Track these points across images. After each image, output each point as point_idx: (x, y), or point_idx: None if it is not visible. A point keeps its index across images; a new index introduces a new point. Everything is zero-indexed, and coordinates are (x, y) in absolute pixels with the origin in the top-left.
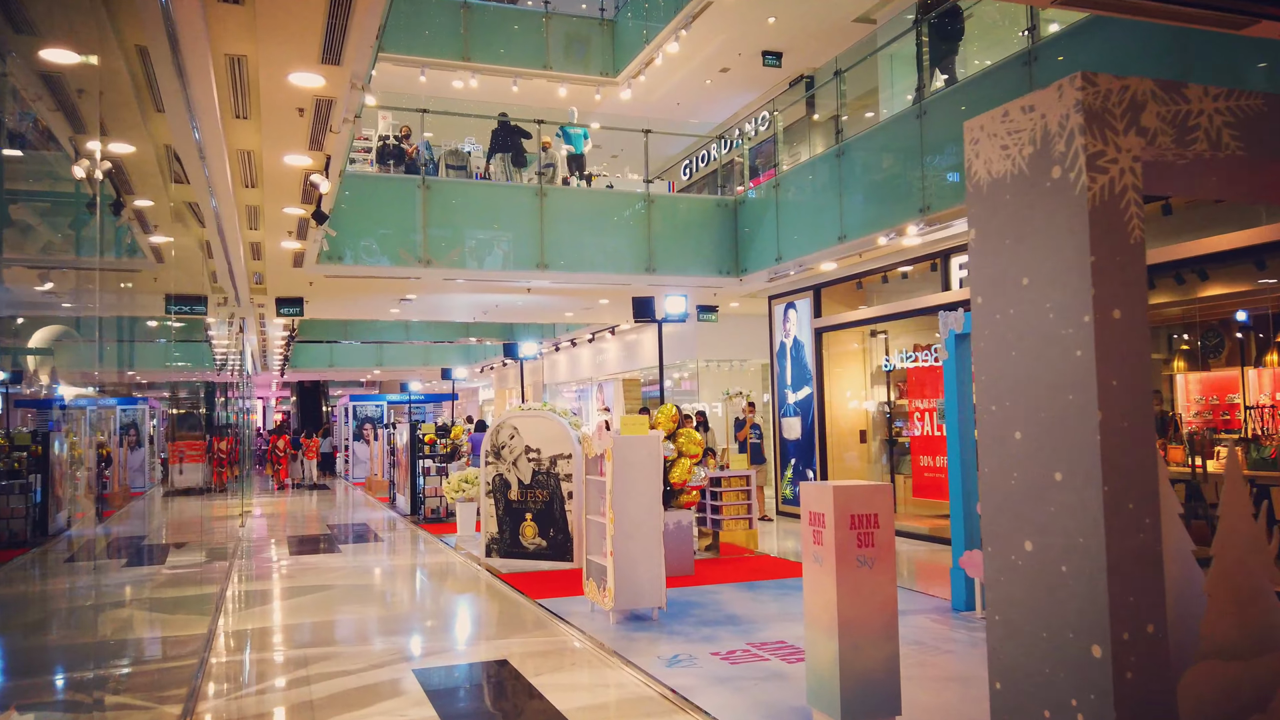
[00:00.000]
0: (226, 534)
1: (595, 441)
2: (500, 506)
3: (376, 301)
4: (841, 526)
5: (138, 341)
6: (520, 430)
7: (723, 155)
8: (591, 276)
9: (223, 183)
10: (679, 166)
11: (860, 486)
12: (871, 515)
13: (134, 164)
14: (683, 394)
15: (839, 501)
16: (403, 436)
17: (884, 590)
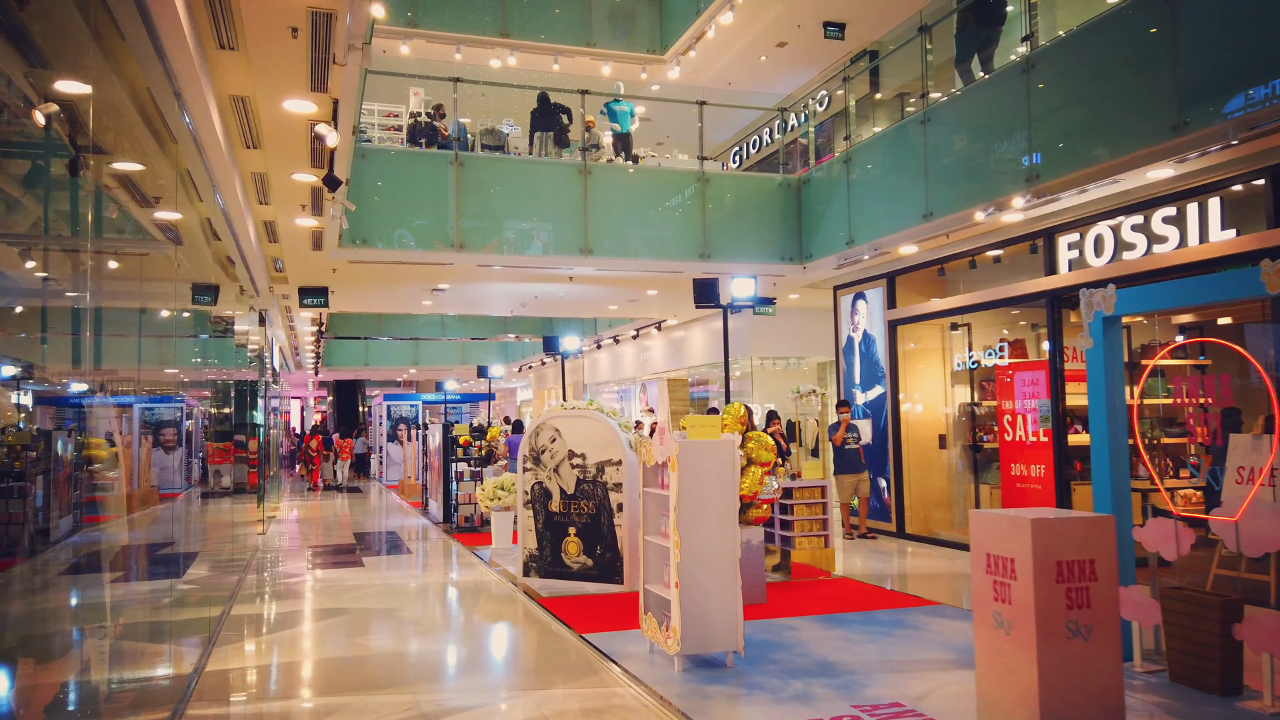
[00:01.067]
0: (244, 543)
1: (655, 447)
2: (540, 519)
3: (407, 292)
4: (1044, 579)
5: (149, 335)
6: (563, 432)
7: (782, 137)
8: (639, 264)
9: (211, 137)
10: (729, 153)
11: (1070, 520)
12: (1086, 563)
13: (105, 114)
14: (732, 395)
15: (1040, 542)
16: (435, 438)
17: (1105, 673)
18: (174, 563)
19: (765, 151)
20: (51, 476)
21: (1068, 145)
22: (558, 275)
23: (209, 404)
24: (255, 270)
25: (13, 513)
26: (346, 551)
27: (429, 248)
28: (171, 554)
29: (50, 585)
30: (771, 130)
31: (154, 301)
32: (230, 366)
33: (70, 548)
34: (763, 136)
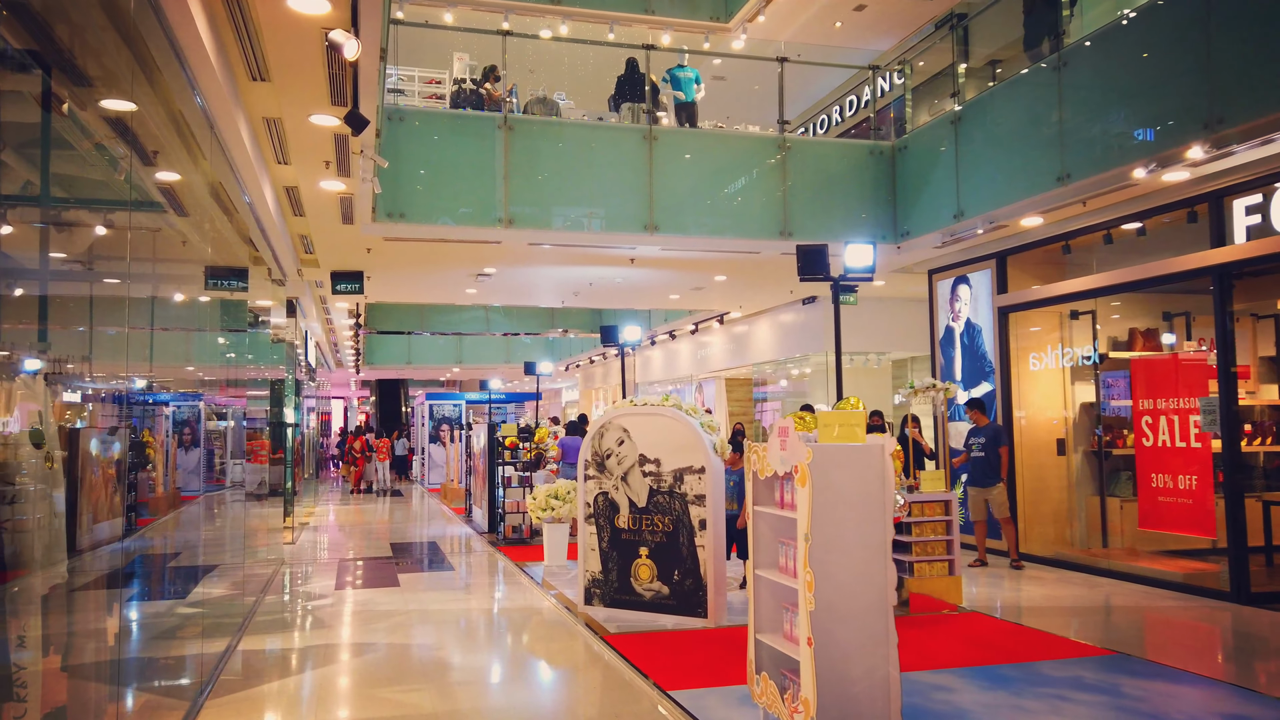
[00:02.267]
0: (269, 554)
1: (773, 453)
2: (605, 536)
3: (449, 278)
4: None
5: (165, 328)
6: (632, 434)
7: (871, 101)
8: (710, 243)
9: (199, 53)
10: (804, 129)
11: None
12: None
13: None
14: (798, 395)
15: None
16: (479, 439)
17: None
18: (182, 579)
19: (846, 124)
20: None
21: (1266, 80)
22: (618, 257)
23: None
24: (281, 250)
25: None
26: (382, 566)
27: (474, 223)
28: (181, 567)
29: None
30: (856, 100)
31: (170, 285)
32: (256, 359)
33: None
34: (844, 107)
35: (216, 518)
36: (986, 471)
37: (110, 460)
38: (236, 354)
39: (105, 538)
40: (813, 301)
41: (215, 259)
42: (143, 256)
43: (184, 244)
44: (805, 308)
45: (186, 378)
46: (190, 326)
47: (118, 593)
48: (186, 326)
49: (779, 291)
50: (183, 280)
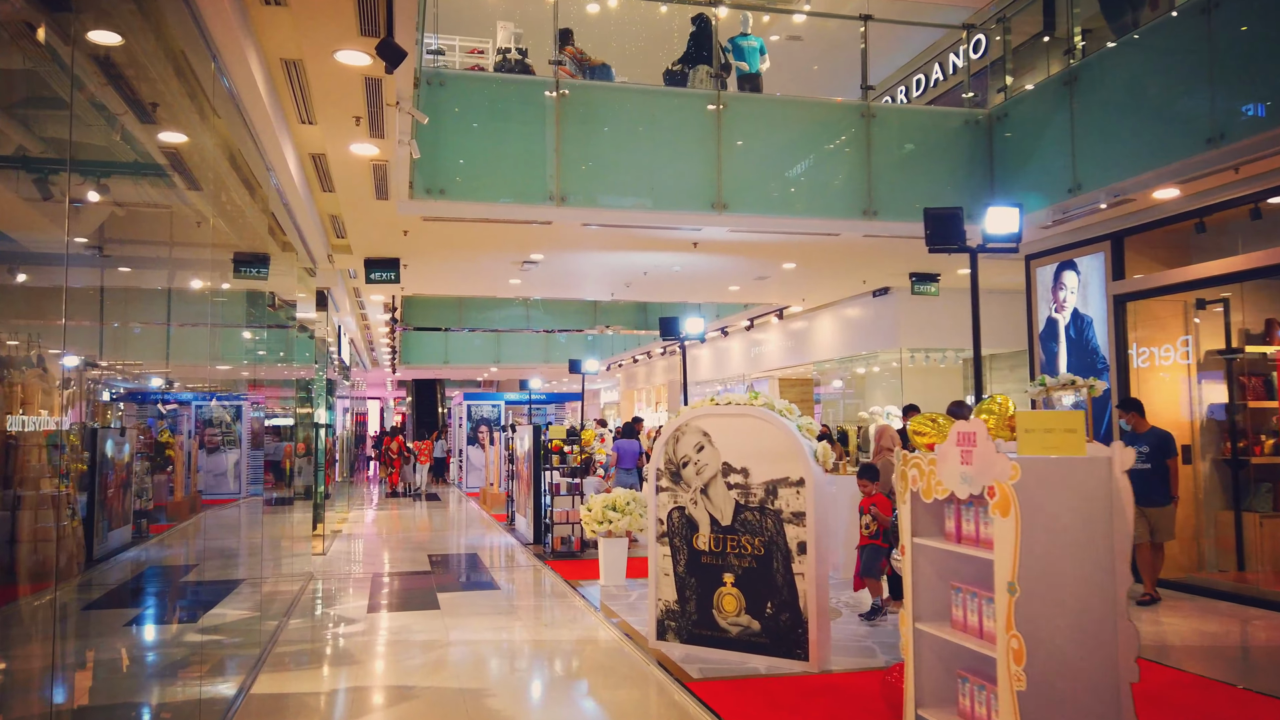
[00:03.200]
0: (296, 566)
1: (949, 466)
2: (681, 559)
3: (491, 266)
4: None
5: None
6: (714, 438)
7: (966, 62)
8: (784, 223)
9: None
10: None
11: None
12: None
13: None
14: (854, 399)
15: None
16: (524, 442)
17: None
18: (195, 597)
19: (930, 94)
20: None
21: None
22: (680, 240)
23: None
24: (309, 232)
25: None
26: (419, 583)
27: (522, 200)
28: (196, 583)
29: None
30: (942, 68)
31: (187, 272)
32: (285, 356)
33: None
34: (928, 75)
35: (241, 525)
36: (1156, 487)
37: (122, 463)
38: (262, 349)
39: (116, 546)
40: (884, 294)
41: (237, 242)
42: (157, 239)
43: (199, 225)
44: (875, 300)
45: (209, 375)
46: (211, 318)
47: (118, 615)
48: (206, 318)
49: (850, 281)
50: (200, 266)
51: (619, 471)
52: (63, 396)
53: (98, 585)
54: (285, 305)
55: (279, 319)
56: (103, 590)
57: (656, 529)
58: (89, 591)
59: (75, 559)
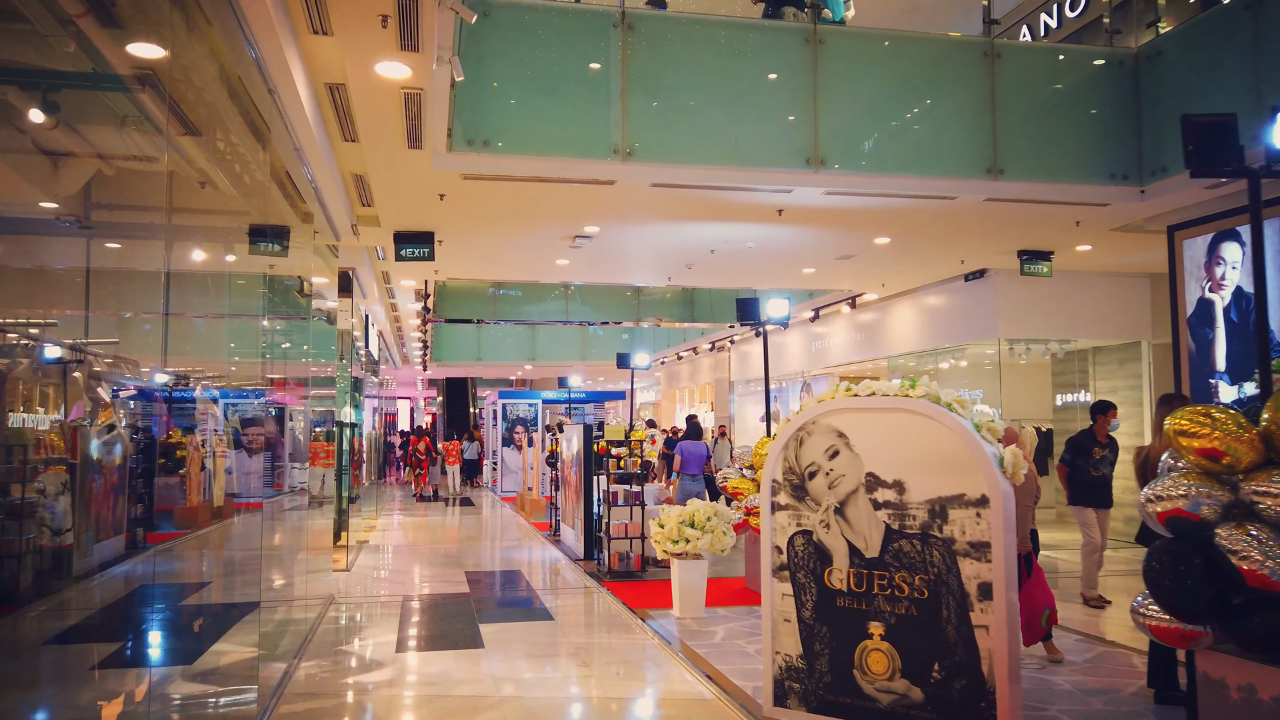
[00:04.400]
0: (318, 581)
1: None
2: (808, 600)
3: (537, 242)
4: None
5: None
6: (853, 440)
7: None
8: (892, 183)
9: None
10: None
11: None
12: None
13: None
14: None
15: None
16: (572, 444)
17: None
18: (187, 630)
19: (1057, 36)
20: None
21: None
22: (763, 205)
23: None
24: (330, 196)
25: None
26: (457, 610)
27: (580, 154)
28: (196, 607)
29: None
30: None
31: (188, 244)
32: (305, 347)
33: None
34: (1059, 9)
35: (253, 535)
36: None
37: (112, 465)
38: (283, 340)
39: (106, 559)
40: (978, 277)
41: (246, 209)
42: (152, 204)
43: (203, 187)
44: (969, 285)
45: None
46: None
47: (84, 654)
48: (209, 303)
49: (945, 261)
50: (203, 239)
51: (683, 478)
52: (39, 391)
53: (76, 608)
54: (307, 289)
55: (299, 306)
56: (81, 614)
57: (772, 559)
58: (61, 618)
59: (49, 576)
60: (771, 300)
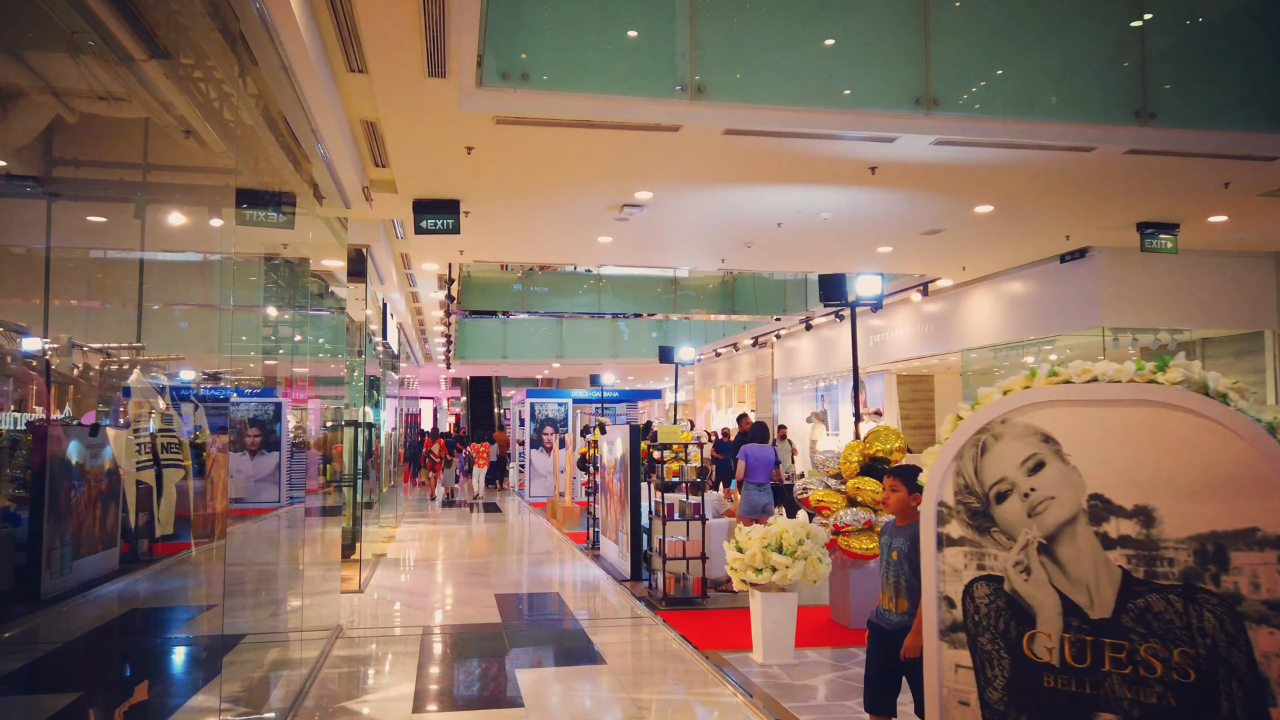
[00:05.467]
0: (321, 612)
1: None
2: (998, 676)
3: (583, 210)
4: None
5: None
6: (1066, 446)
7: None
8: (1020, 127)
9: None
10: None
11: None
12: None
13: None
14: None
15: None
16: (614, 447)
17: None
18: (162, 675)
19: None
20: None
21: None
22: (856, 161)
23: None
24: (335, 151)
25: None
26: (487, 649)
27: (638, 92)
28: (182, 641)
29: None
30: None
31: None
32: (314, 339)
33: None
34: None
35: (261, 548)
36: None
37: (100, 470)
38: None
39: (88, 578)
40: (1077, 257)
41: (235, 166)
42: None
43: (187, 136)
44: (1065, 267)
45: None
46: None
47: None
48: (194, 284)
49: (1045, 238)
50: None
51: (748, 487)
52: None
53: (42, 640)
54: (313, 271)
55: (306, 290)
56: (37, 650)
57: (939, 614)
58: (6, 657)
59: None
60: (861, 278)
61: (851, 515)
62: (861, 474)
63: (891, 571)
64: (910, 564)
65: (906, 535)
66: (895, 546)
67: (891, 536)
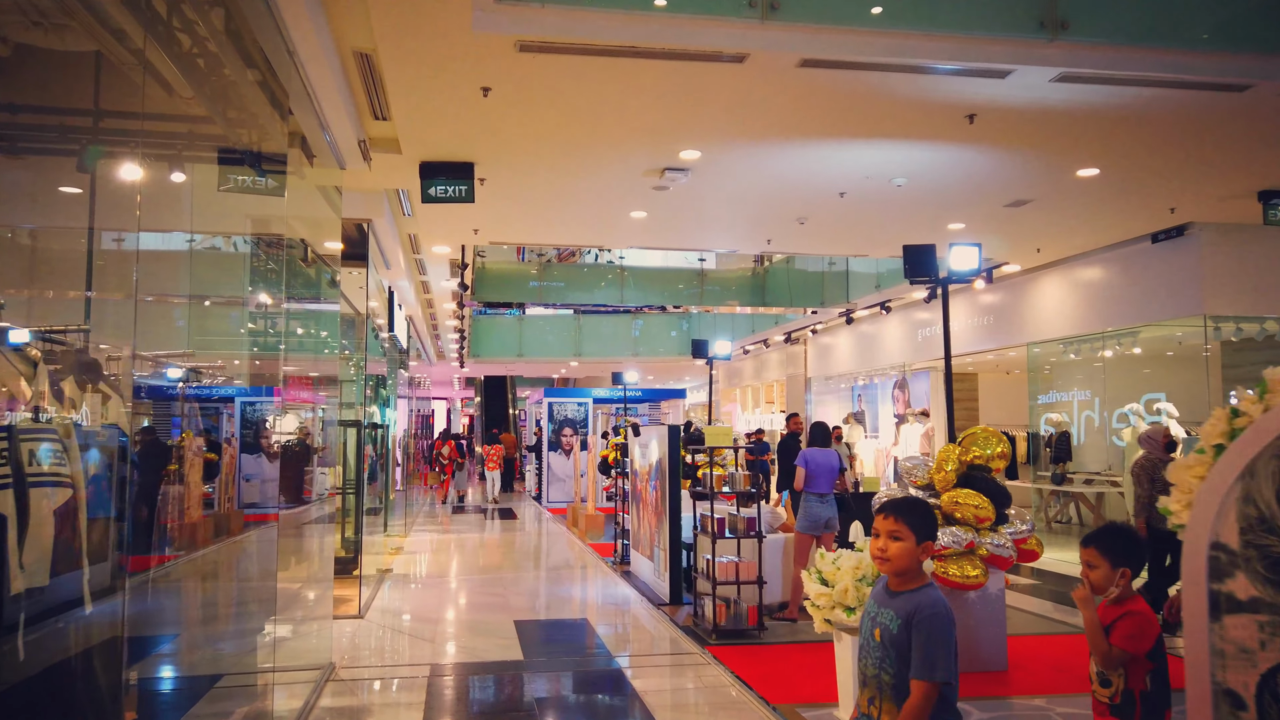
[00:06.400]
0: (316, 639)
1: None
2: None
3: (617, 175)
4: None
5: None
6: None
7: None
8: (1164, 58)
9: None
10: None
11: None
12: None
13: None
14: (1080, 392)
15: None
16: (650, 451)
17: None
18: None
19: None
20: None
21: None
22: (954, 104)
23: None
24: (324, 93)
25: None
26: (506, 699)
27: (698, 8)
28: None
29: None
30: None
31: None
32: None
33: None
34: None
35: (252, 560)
36: None
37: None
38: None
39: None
40: (1172, 236)
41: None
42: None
43: (145, 75)
44: (1158, 248)
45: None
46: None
47: None
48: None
49: (1151, 209)
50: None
51: (808, 499)
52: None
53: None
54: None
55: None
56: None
57: (1215, 711)
58: None
59: None
60: (955, 249)
61: (951, 536)
62: (958, 485)
63: (872, 659)
64: (898, 651)
65: (901, 607)
66: (881, 622)
67: (879, 606)
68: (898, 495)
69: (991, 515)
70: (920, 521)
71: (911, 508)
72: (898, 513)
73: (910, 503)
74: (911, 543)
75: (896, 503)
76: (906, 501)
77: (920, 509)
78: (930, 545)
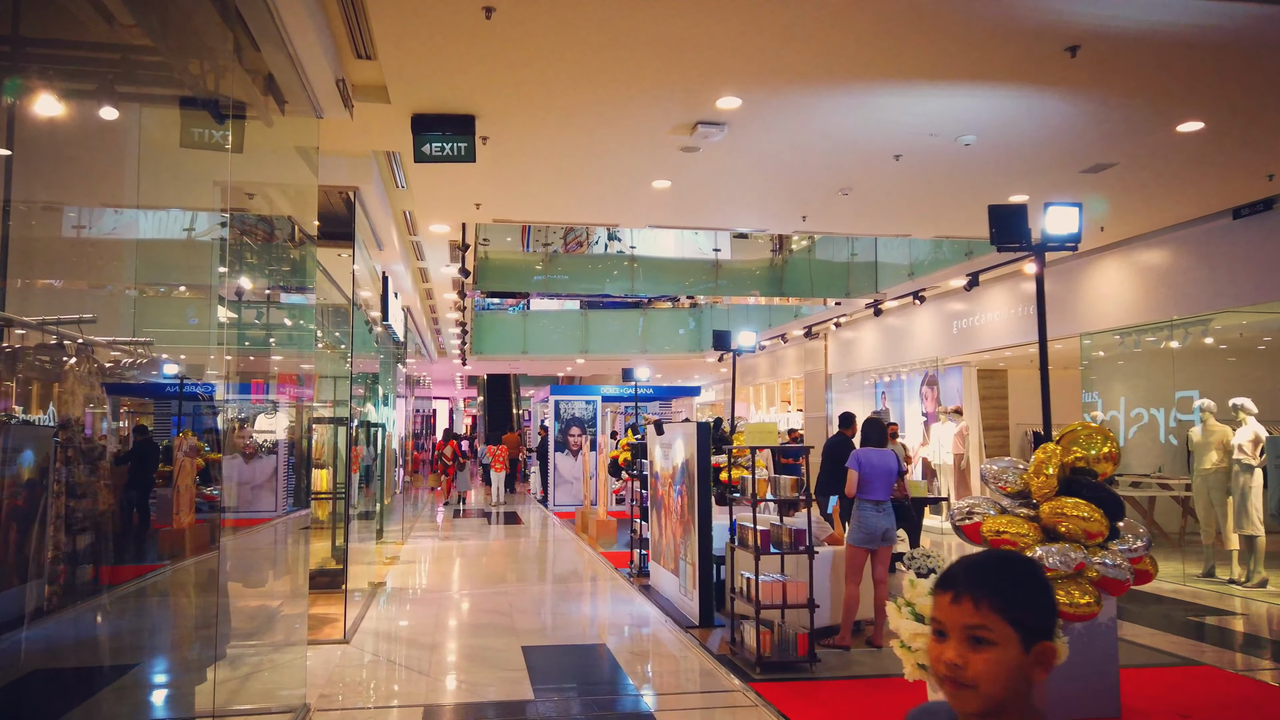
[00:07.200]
0: (292, 679)
1: None
2: None
3: (645, 127)
4: None
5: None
6: None
7: None
8: None
9: None
10: None
11: None
12: None
13: None
14: (1136, 384)
15: None
16: (674, 452)
17: None
18: None
19: None
20: None
21: None
22: (1057, 28)
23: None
24: (291, 16)
25: None
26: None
27: None
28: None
29: None
30: None
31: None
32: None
33: None
34: None
35: (211, 578)
36: None
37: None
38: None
39: None
40: (1263, 209)
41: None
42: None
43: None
44: (1240, 224)
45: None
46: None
47: None
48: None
49: (1244, 178)
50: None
51: (863, 506)
52: None
53: None
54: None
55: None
56: None
57: None
58: None
59: None
60: (1053, 210)
61: (1059, 556)
62: (1060, 493)
63: None
64: None
65: None
66: None
67: None
68: (980, 504)
69: (1104, 529)
70: (1028, 607)
71: (1013, 581)
72: (984, 592)
73: (1005, 570)
74: (1014, 649)
75: (975, 570)
76: (997, 564)
77: (1027, 581)
78: (1050, 650)
